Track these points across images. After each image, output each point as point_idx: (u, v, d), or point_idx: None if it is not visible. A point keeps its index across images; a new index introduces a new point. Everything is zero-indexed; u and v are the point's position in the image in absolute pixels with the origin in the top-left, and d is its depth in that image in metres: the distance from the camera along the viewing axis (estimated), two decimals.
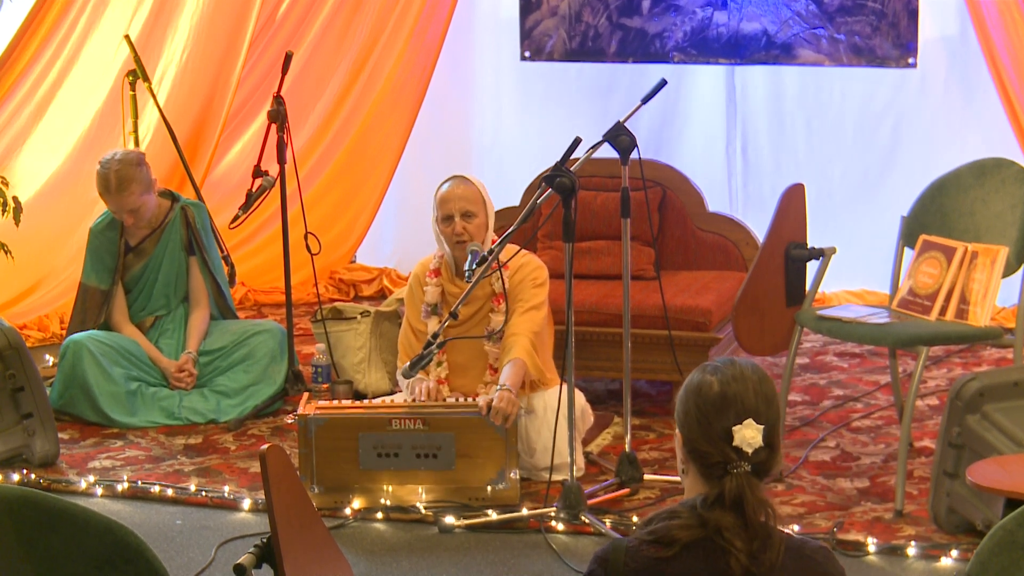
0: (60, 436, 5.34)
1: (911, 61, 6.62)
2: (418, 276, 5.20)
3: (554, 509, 4.63)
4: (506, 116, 7.69)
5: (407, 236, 7.77)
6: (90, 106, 7.05)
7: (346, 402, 5.05)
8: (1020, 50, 6.32)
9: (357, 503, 4.78)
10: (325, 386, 5.93)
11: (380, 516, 4.74)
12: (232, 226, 6.09)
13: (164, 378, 5.80)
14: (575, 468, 4.72)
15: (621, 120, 4.76)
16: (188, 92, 7.07)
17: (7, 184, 6.44)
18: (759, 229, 5.62)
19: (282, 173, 5.86)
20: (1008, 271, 4.82)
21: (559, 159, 4.50)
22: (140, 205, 5.76)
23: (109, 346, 5.71)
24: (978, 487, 3.82)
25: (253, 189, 5.92)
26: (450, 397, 4.98)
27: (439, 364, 5.10)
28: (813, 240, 5.21)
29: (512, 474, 4.77)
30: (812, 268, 5.15)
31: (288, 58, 5.88)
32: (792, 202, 5.15)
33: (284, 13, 7.39)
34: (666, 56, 6.96)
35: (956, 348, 6.27)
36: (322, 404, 4.92)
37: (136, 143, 6.55)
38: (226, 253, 6.18)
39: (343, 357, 5.96)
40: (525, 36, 7.20)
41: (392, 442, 4.78)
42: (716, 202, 6.49)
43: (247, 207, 5.92)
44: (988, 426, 4.28)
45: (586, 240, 5.99)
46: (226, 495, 4.94)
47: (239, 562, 2.85)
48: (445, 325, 4.78)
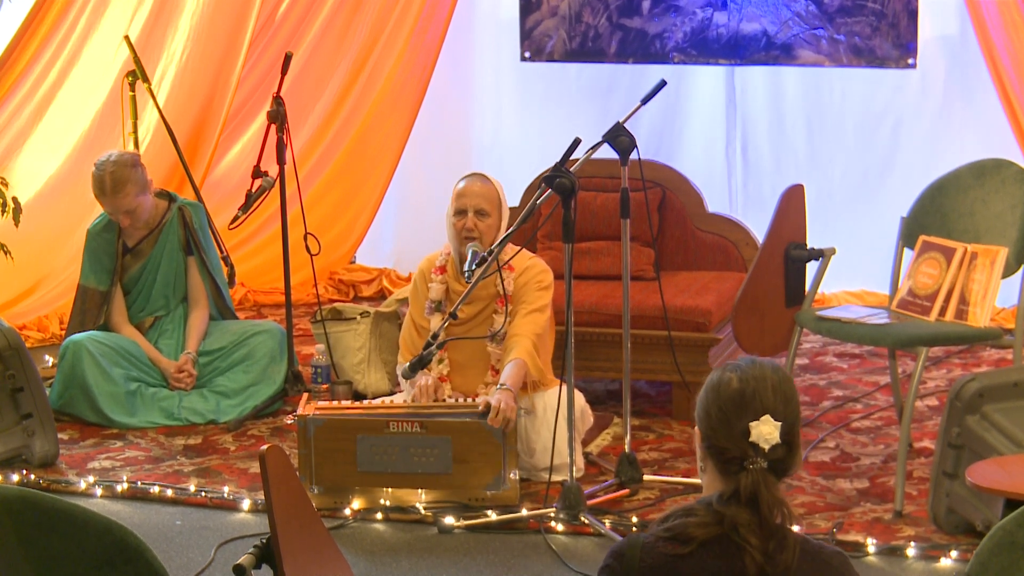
0: (60, 436, 5.34)
1: (911, 62, 6.62)
2: (423, 272, 5.19)
3: (554, 510, 4.63)
4: (506, 116, 7.69)
5: (407, 236, 7.77)
6: (90, 107, 7.04)
7: (345, 403, 5.04)
8: (1020, 50, 6.32)
9: (356, 503, 4.78)
10: (325, 387, 5.93)
11: (380, 517, 4.74)
12: (232, 227, 6.09)
13: (164, 378, 5.80)
14: (575, 469, 4.71)
15: (621, 121, 4.75)
16: (188, 93, 7.07)
17: (7, 184, 6.44)
18: (759, 229, 5.62)
19: (282, 173, 5.85)
20: (1008, 272, 4.82)
21: (559, 160, 4.50)
22: (136, 206, 5.76)
23: (108, 347, 5.71)
24: (978, 488, 3.82)
25: (253, 190, 5.92)
26: (450, 397, 4.98)
27: (441, 361, 5.10)
28: (813, 240, 5.21)
29: (512, 475, 4.76)
30: (812, 268, 5.15)
31: (288, 58, 5.88)
32: (792, 202, 5.15)
33: (284, 13, 7.39)
34: (666, 56, 6.96)
35: (956, 349, 6.27)
36: (321, 405, 4.92)
37: (136, 144, 6.54)
38: (226, 254, 6.17)
39: (343, 358, 5.96)
40: (525, 36, 7.20)
41: (390, 445, 4.77)
42: (716, 202, 6.48)
43: (247, 208, 5.92)
44: (988, 427, 4.27)
45: (586, 241, 5.99)
46: (226, 495, 4.93)
47: (239, 562, 2.85)
48: (446, 325, 4.78)
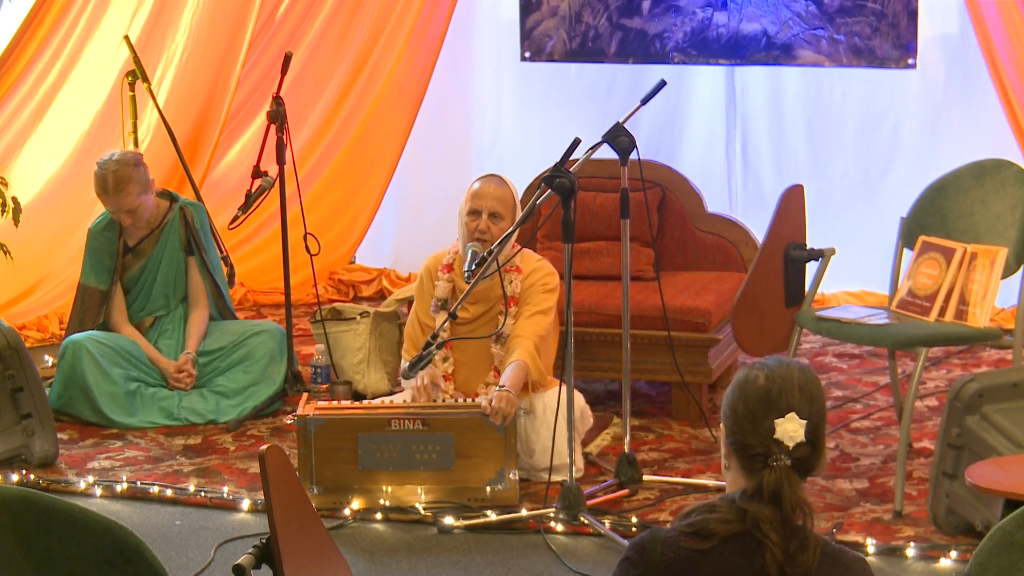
0: (59, 436, 5.34)
1: (911, 62, 6.62)
2: (430, 269, 5.19)
3: (553, 510, 4.63)
4: (506, 116, 7.69)
5: (406, 237, 7.77)
6: (90, 107, 7.04)
7: (345, 403, 5.05)
8: (1020, 50, 6.32)
9: (356, 504, 4.78)
10: (324, 387, 5.93)
11: (379, 517, 4.74)
12: (231, 227, 6.09)
13: (163, 378, 5.80)
14: (574, 469, 4.72)
15: (621, 121, 4.75)
16: (188, 92, 7.07)
17: (7, 184, 6.44)
18: (759, 230, 5.62)
19: (281, 173, 5.85)
20: (1007, 272, 4.82)
21: (559, 160, 4.50)
22: (138, 205, 5.76)
23: (108, 346, 5.71)
24: (977, 488, 3.82)
25: (252, 190, 5.92)
26: (450, 397, 4.98)
27: (446, 359, 5.10)
28: (812, 241, 5.21)
29: (511, 475, 4.77)
30: (811, 269, 5.15)
31: (287, 58, 5.88)
32: (792, 203, 5.15)
33: (284, 13, 7.39)
34: (666, 57, 6.96)
35: (955, 349, 6.27)
36: (321, 405, 4.92)
37: (136, 144, 6.54)
38: (225, 254, 6.17)
39: (342, 358, 5.96)
40: (525, 36, 7.20)
41: (391, 443, 4.78)
42: (716, 202, 6.48)
43: (246, 208, 5.92)
44: (987, 427, 4.27)
45: (585, 241, 5.99)
46: (225, 495, 4.93)
47: (238, 562, 2.85)
48: (447, 324, 4.78)
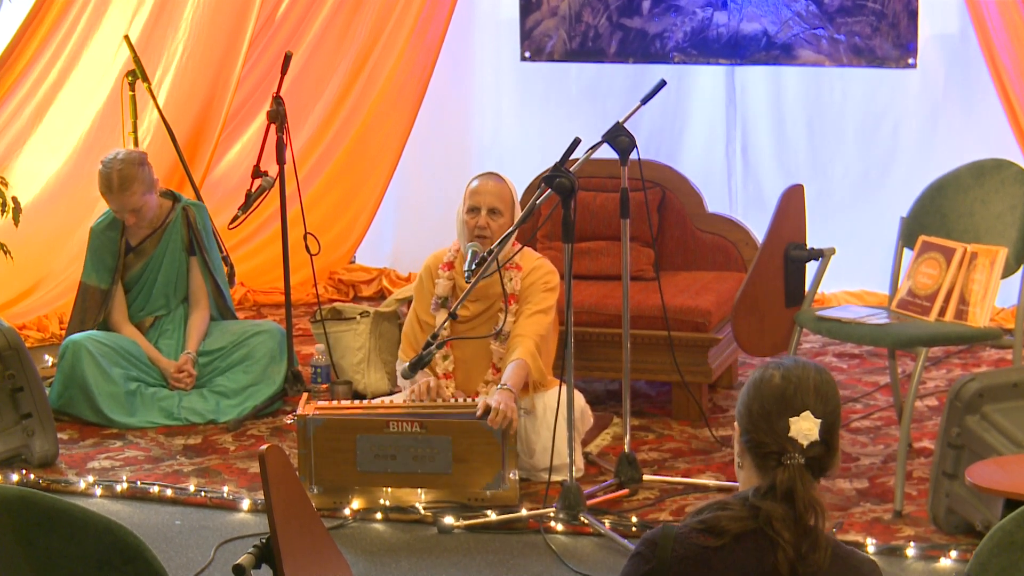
0: (59, 436, 5.34)
1: (911, 61, 6.62)
2: (429, 268, 5.19)
3: (553, 510, 4.63)
4: (506, 116, 7.69)
5: (406, 236, 7.77)
6: (90, 107, 7.04)
7: (345, 403, 5.04)
8: (1020, 50, 6.32)
9: (356, 503, 4.78)
10: (324, 386, 5.93)
11: (379, 516, 4.74)
12: (231, 226, 6.09)
13: (163, 378, 5.80)
14: (574, 469, 4.72)
15: (621, 120, 4.75)
16: (188, 92, 7.07)
17: (7, 184, 6.44)
18: (759, 229, 5.61)
19: (281, 173, 5.85)
20: (1007, 272, 4.82)
21: (558, 159, 4.50)
22: (142, 205, 5.76)
23: (108, 346, 5.71)
24: (977, 488, 3.82)
25: (252, 189, 5.92)
26: (451, 397, 4.98)
27: (446, 358, 5.09)
28: (813, 240, 5.21)
29: (511, 475, 4.76)
30: (811, 269, 5.15)
31: (288, 58, 5.88)
32: (792, 202, 5.15)
33: (284, 13, 7.39)
34: (666, 56, 6.96)
35: (955, 349, 6.27)
36: (321, 405, 4.91)
37: (136, 144, 6.54)
38: (225, 253, 6.18)
39: (342, 357, 5.96)
40: (525, 36, 7.20)
41: (389, 445, 4.77)
42: (716, 202, 6.48)
43: (246, 207, 5.92)
44: (987, 427, 4.27)
45: (585, 241, 5.99)
46: (225, 495, 4.93)
47: (238, 562, 2.85)
48: (446, 324, 4.78)
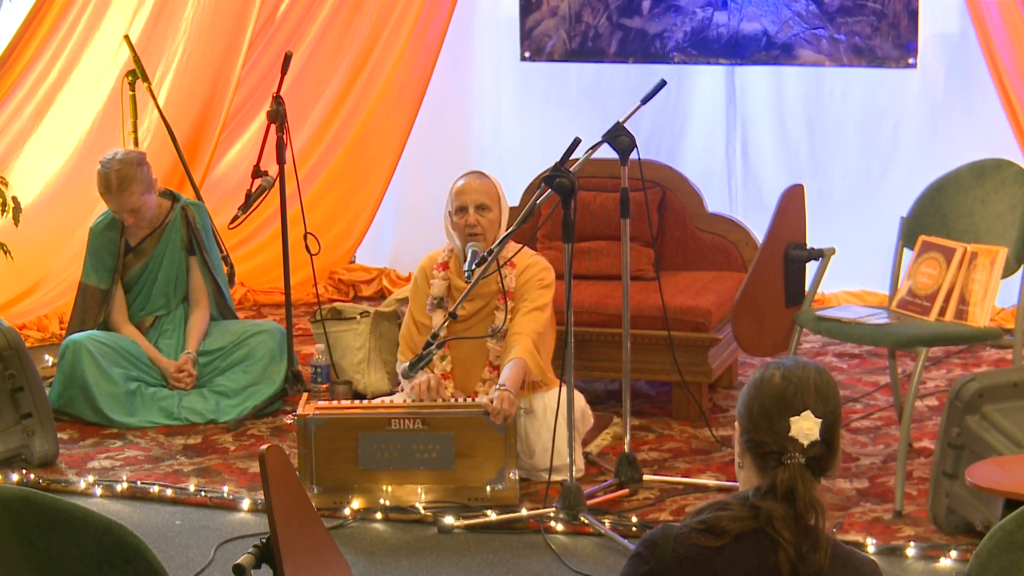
0: (59, 436, 5.34)
1: (911, 61, 6.62)
2: (424, 269, 5.19)
3: (553, 509, 4.63)
4: (506, 116, 7.69)
5: (406, 236, 7.77)
6: (90, 107, 7.04)
7: (345, 402, 5.04)
8: (1020, 50, 6.32)
9: (356, 503, 4.78)
10: (324, 386, 5.93)
11: (379, 516, 4.74)
12: (231, 226, 6.09)
13: (163, 378, 5.80)
14: (574, 469, 4.72)
15: (621, 120, 4.75)
16: (188, 92, 7.07)
17: (7, 184, 6.44)
18: (759, 229, 5.62)
19: (281, 173, 5.85)
20: (1007, 272, 4.82)
21: (559, 159, 4.50)
22: (141, 205, 5.76)
23: (108, 346, 5.71)
24: (977, 488, 3.82)
25: (252, 189, 5.92)
26: (451, 397, 4.98)
27: (443, 358, 5.09)
28: (813, 240, 5.21)
29: (511, 474, 4.77)
30: (811, 269, 5.15)
31: (288, 58, 5.88)
32: (792, 202, 5.15)
33: (284, 13, 7.39)
34: (666, 56, 6.96)
35: (955, 349, 6.27)
36: (321, 404, 4.91)
37: (136, 144, 6.54)
38: (225, 253, 6.18)
39: (342, 357, 5.96)
40: (525, 36, 7.20)
41: (391, 442, 4.78)
42: (716, 202, 6.48)
43: (246, 207, 5.92)
44: (987, 427, 4.27)
45: (585, 240, 5.99)
46: (225, 495, 4.93)
47: (238, 562, 2.85)
48: (445, 324, 4.78)
